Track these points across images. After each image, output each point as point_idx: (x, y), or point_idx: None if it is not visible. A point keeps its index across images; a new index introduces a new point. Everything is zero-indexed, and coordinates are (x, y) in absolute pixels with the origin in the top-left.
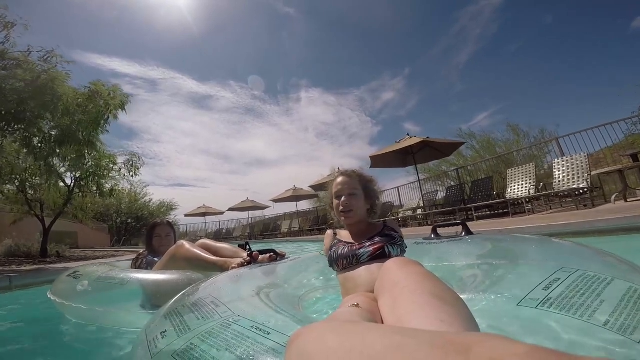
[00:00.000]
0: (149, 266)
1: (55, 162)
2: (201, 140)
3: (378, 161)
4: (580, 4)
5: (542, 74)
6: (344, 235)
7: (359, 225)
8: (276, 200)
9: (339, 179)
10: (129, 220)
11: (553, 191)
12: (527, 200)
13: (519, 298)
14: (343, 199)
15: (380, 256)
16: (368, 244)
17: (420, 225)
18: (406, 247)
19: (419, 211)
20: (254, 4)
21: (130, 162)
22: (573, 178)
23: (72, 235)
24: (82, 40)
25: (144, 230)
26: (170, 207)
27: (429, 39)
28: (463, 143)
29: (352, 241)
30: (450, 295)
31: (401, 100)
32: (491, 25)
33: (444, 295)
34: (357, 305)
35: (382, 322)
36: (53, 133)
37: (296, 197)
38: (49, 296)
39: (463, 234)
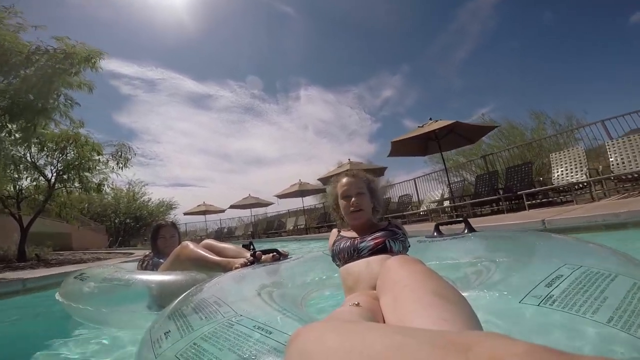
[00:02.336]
0: (154, 267)
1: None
2: (200, 139)
3: (399, 148)
4: (579, 1)
5: (540, 70)
6: (348, 232)
7: (364, 224)
8: (281, 196)
9: (344, 180)
10: (127, 220)
11: (613, 174)
12: (583, 185)
13: (521, 295)
14: (353, 199)
15: (381, 250)
16: (369, 238)
17: (455, 217)
18: (409, 245)
19: (446, 203)
20: (252, 2)
21: (119, 153)
22: (635, 160)
23: (64, 237)
24: (79, 40)
25: (143, 231)
26: (169, 207)
27: (428, 36)
28: (495, 127)
29: (355, 236)
30: (452, 294)
31: (400, 97)
32: (489, 22)
33: (446, 294)
34: (358, 305)
35: (384, 321)
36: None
37: (302, 192)
38: (57, 298)
39: (465, 231)
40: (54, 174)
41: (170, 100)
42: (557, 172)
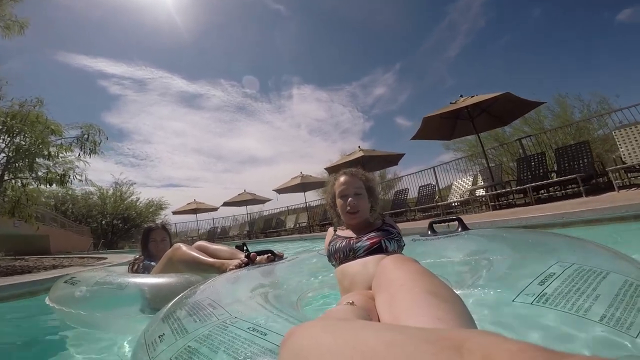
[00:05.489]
0: (145, 270)
1: None
2: (192, 139)
3: (426, 128)
4: None
5: (532, 66)
6: (344, 232)
7: (360, 223)
8: (280, 190)
9: (343, 179)
10: (115, 221)
11: None
12: None
13: (514, 294)
14: (350, 199)
15: (377, 250)
16: (365, 238)
17: (498, 208)
18: (404, 244)
19: (482, 191)
20: (243, 1)
21: (86, 136)
22: None
23: (40, 240)
24: (67, 41)
25: (132, 232)
26: (159, 207)
27: (419, 34)
28: (542, 103)
29: (351, 236)
30: (446, 292)
31: (392, 95)
32: (479, 19)
33: (441, 292)
34: (352, 303)
35: (379, 320)
36: None
37: (304, 185)
38: (47, 302)
39: (459, 229)
40: (2, 162)
41: (161, 99)
42: (627, 150)
